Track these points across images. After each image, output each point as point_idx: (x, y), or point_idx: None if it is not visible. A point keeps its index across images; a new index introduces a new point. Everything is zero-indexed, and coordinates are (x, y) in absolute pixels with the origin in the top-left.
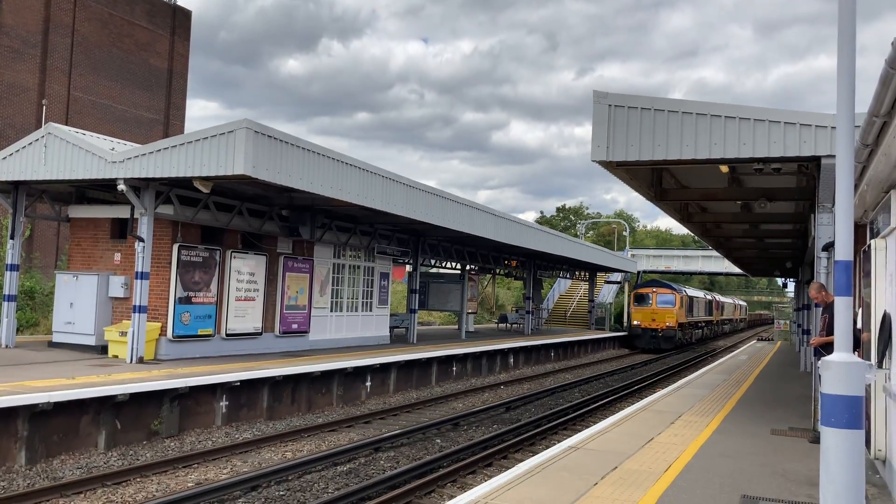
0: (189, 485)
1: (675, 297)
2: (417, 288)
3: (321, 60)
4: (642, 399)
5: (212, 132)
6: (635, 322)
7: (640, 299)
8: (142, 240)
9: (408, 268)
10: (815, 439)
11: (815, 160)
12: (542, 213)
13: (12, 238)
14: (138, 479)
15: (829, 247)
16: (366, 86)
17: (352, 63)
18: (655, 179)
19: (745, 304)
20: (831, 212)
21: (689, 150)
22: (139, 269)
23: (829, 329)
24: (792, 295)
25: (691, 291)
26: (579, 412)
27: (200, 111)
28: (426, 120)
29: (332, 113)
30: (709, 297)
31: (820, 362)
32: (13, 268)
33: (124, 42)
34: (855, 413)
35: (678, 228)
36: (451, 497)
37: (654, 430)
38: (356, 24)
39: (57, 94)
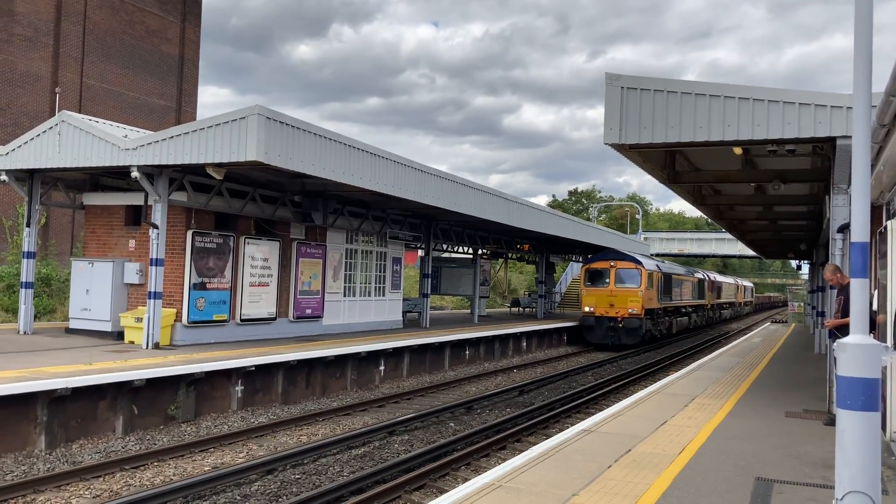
0: (206, 468)
1: (641, 274)
2: (430, 272)
3: (332, 45)
4: (656, 382)
5: (224, 119)
6: (587, 308)
7: (594, 277)
8: (156, 226)
9: (420, 252)
10: (831, 422)
11: (831, 141)
12: (554, 196)
13: (28, 226)
14: (156, 464)
15: (844, 228)
16: (377, 70)
17: (362, 48)
18: (668, 162)
19: (751, 285)
20: (847, 193)
21: (703, 133)
22: (153, 256)
23: (844, 311)
24: (806, 277)
25: (669, 266)
26: (592, 395)
27: (212, 97)
28: (437, 104)
29: (343, 98)
30: (699, 275)
31: (835, 344)
32: (30, 255)
33: (135, 29)
34: (871, 395)
35: (691, 211)
36: (466, 480)
37: (668, 413)
38: (366, 9)
39: (70, 82)
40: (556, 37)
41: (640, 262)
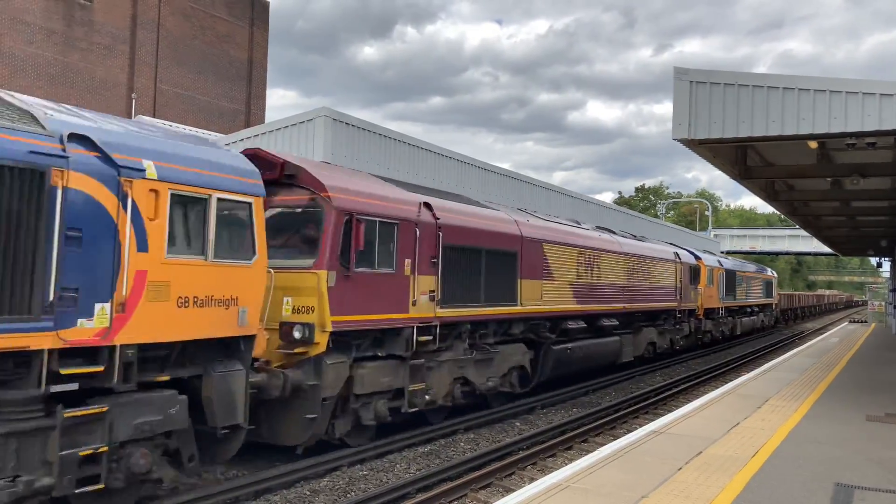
0: (276, 464)
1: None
2: None
3: (395, 46)
4: (726, 383)
5: (292, 121)
6: None
7: None
8: None
9: None
10: None
11: None
12: (620, 193)
13: None
14: None
15: None
16: (439, 70)
17: (426, 47)
18: (739, 157)
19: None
20: None
21: (776, 127)
22: None
23: None
24: (887, 275)
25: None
26: (661, 396)
27: (279, 100)
28: (500, 102)
29: (406, 98)
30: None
31: None
32: None
33: (206, 34)
34: None
35: (763, 207)
36: (532, 479)
37: (740, 415)
38: (430, 9)
39: (145, 88)
40: (622, 31)
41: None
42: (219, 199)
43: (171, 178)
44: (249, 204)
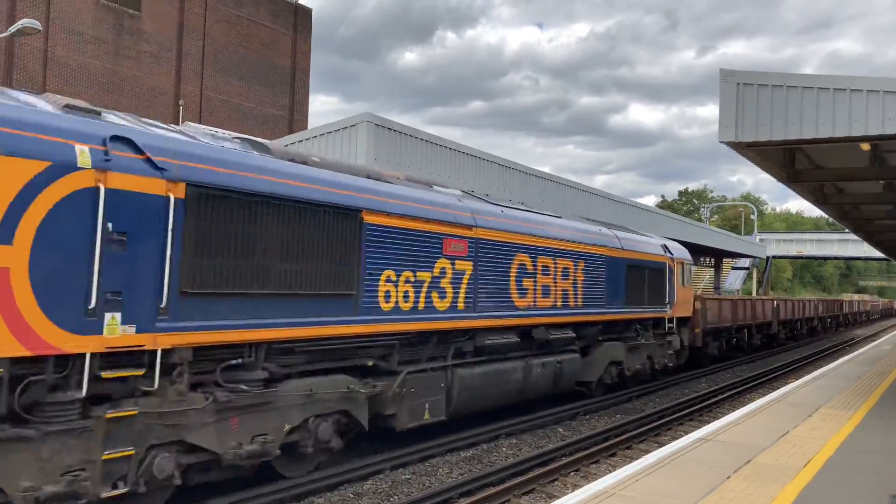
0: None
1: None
2: None
3: (436, 51)
4: (774, 390)
5: (335, 126)
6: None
7: None
8: None
9: None
10: None
11: None
12: (663, 197)
13: None
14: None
15: None
16: (479, 74)
17: (466, 52)
18: (788, 160)
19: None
20: None
21: (826, 129)
22: None
23: None
24: None
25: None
26: (706, 403)
27: (321, 106)
28: (540, 105)
29: (446, 102)
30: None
31: None
32: None
33: (250, 42)
34: None
35: (810, 211)
36: (576, 486)
37: (790, 423)
38: (471, 13)
39: (191, 95)
40: (664, 33)
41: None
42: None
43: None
44: None
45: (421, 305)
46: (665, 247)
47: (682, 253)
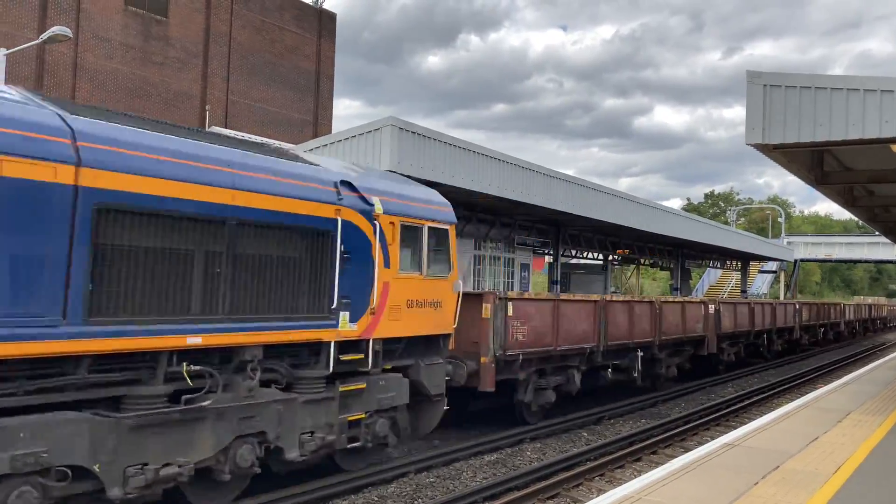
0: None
1: None
2: (559, 279)
3: (459, 55)
4: (803, 395)
5: (360, 130)
6: None
7: None
8: None
9: (548, 258)
10: None
11: None
12: (688, 199)
13: None
14: None
15: None
16: (503, 77)
17: (490, 55)
18: (816, 162)
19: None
20: None
21: (856, 130)
22: None
23: None
24: None
25: None
26: (732, 408)
27: (345, 110)
28: (564, 108)
29: (470, 106)
30: None
31: None
32: None
33: (275, 47)
34: None
35: (839, 213)
36: (601, 491)
37: (819, 429)
38: (494, 17)
39: (217, 99)
40: (690, 35)
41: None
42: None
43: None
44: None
45: None
46: (345, 183)
47: (406, 197)
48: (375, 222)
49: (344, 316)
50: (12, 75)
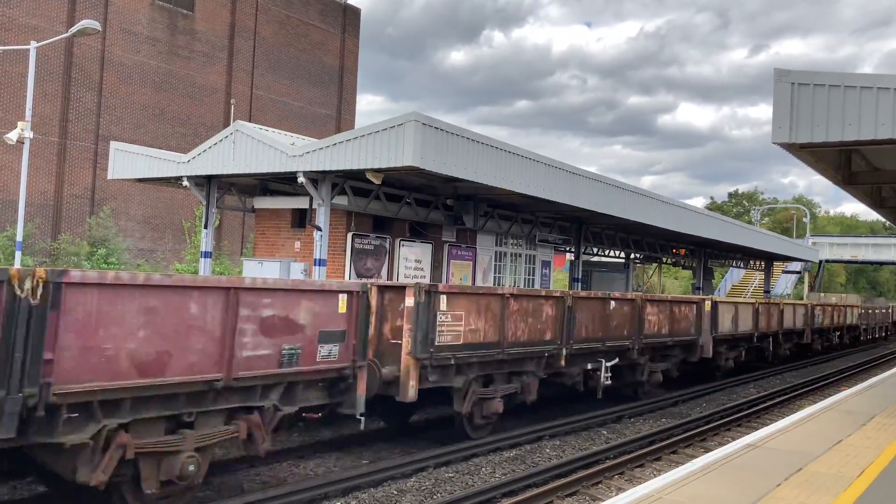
0: (363, 461)
1: None
2: (580, 276)
3: (482, 51)
4: (826, 398)
5: (382, 126)
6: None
7: None
8: (320, 229)
9: (569, 256)
10: None
11: None
12: (712, 198)
13: (206, 227)
14: (319, 455)
15: None
16: (526, 74)
17: (513, 52)
18: (843, 161)
19: None
20: None
21: (886, 130)
22: (317, 257)
23: None
24: None
25: None
26: (754, 409)
27: (367, 105)
28: (588, 105)
29: (492, 102)
30: None
31: None
32: (207, 255)
33: (300, 42)
34: None
35: (865, 214)
36: (620, 489)
37: (843, 432)
38: (519, 13)
39: (241, 94)
40: (716, 32)
41: None
42: None
43: None
44: None
45: None
46: None
47: None
48: None
49: None
50: (41, 68)
